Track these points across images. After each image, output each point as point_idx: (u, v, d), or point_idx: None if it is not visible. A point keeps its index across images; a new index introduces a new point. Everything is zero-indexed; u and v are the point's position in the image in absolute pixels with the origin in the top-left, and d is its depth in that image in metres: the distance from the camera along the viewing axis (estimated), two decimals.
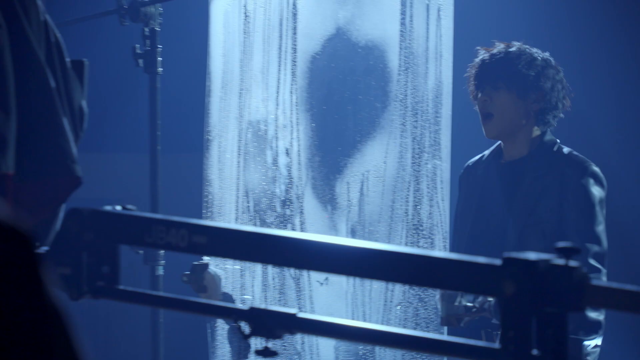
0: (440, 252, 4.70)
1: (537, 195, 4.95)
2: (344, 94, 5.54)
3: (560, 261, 2.69)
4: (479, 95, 5.01)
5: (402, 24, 5.38)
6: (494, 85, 4.97)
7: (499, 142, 5.14)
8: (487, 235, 5.01)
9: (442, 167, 5.28)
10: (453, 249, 5.20)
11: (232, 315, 3.04)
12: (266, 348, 2.98)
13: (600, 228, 4.89)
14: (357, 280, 5.44)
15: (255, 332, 2.96)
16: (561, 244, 2.72)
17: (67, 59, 3.22)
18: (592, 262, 4.83)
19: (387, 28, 5.43)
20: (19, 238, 1.18)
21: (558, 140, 5.04)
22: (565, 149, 5.02)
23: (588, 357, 4.82)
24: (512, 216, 4.97)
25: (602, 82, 6.61)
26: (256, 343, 2.97)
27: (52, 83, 3.12)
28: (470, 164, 5.22)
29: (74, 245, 3.14)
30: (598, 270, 4.83)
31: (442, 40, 5.28)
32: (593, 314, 4.72)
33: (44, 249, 3.10)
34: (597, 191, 4.93)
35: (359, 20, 5.52)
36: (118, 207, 3.16)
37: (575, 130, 5.55)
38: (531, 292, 2.69)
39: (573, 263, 2.69)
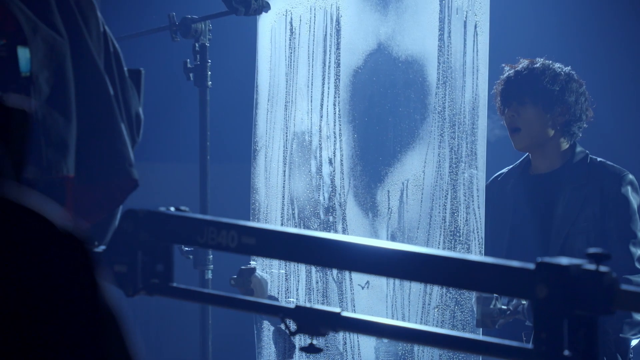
0: (477, 256, 4.69)
1: (580, 204, 4.93)
2: (385, 106, 5.54)
3: (591, 266, 2.70)
4: (506, 110, 5.00)
5: (441, 39, 5.37)
6: (520, 101, 4.96)
7: (527, 154, 5.13)
8: (525, 246, 4.99)
9: (478, 176, 5.26)
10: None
11: (279, 313, 3.06)
12: (311, 345, 3.01)
13: None
14: (397, 283, 5.44)
15: (300, 330, 2.98)
16: (592, 250, 2.73)
17: (125, 68, 3.24)
18: (639, 265, 4.83)
19: (426, 43, 5.42)
20: (76, 244, 1.18)
21: (588, 152, 5.03)
22: (598, 160, 5.01)
23: (631, 356, 4.83)
24: (555, 225, 4.96)
25: (626, 94, 6.59)
26: (301, 341, 3.00)
27: (111, 90, 3.13)
28: (499, 178, 5.21)
29: (130, 245, 3.16)
30: None
31: (478, 55, 5.27)
32: (638, 315, 4.72)
33: (101, 248, 3.13)
34: (635, 198, 4.92)
35: (399, 36, 5.52)
36: (172, 209, 3.19)
37: (595, 139, 5.52)
38: (563, 295, 2.70)
39: (603, 268, 2.70)
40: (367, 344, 5.54)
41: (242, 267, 5.62)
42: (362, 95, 5.61)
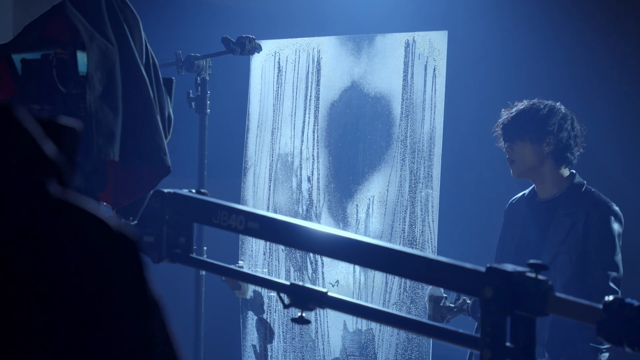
0: (437, 255, 4.70)
1: (568, 228, 4.91)
2: (356, 134, 5.55)
3: (532, 274, 2.71)
4: (505, 147, 5.00)
5: (405, 79, 5.38)
6: (511, 139, 4.96)
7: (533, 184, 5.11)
8: (523, 261, 4.97)
9: (432, 194, 5.26)
10: None
11: (277, 288, 3.09)
12: (301, 317, 3.03)
13: (618, 257, 4.86)
14: (362, 282, 5.44)
15: (293, 304, 3.00)
16: (532, 261, 2.74)
17: (160, 77, 3.27)
18: (612, 285, 4.80)
19: (392, 82, 5.43)
20: (129, 242, 1.18)
21: (585, 182, 5.02)
22: (592, 190, 5.00)
23: None
24: (547, 245, 4.95)
25: (602, 121, 6.60)
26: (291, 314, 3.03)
27: (152, 93, 3.17)
28: (514, 202, 5.17)
29: (157, 220, 3.19)
30: (616, 292, 4.79)
31: (436, 93, 5.27)
32: None
33: (134, 222, 3.16)
34: (616, 227, 4.89)
35: (370, 76, 5.52)
36: (193, 191, 3.22)
37: (590, 166, 5.53)
38: (506, 297, 2.71)
39: (541, 277, 2.71)
40: (335, 333, 5.54)
41: (232, 266, 5.60)
42: (337, 124, 5.62)
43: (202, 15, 6.82)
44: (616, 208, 4.93)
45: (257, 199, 5.74)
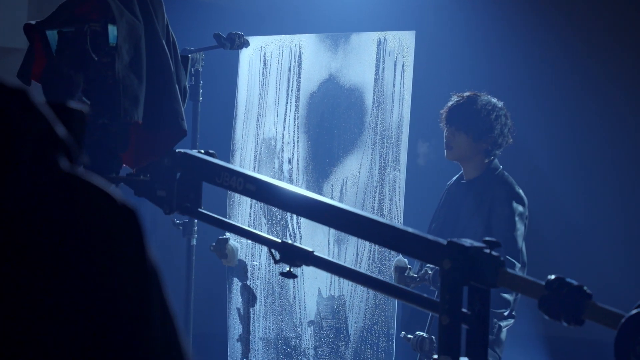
0: (403, 225, 4.71)
1: (476, 205, 4.96)
2: (332, 121, 5.55)
3: (486, 250, 2.73)
4: (446, 128, 5.00)
5: (376, 73, 5.38)
6: (457, 127, 4.96)
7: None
8: (447, 231, 5.00)
9: (400, 176, 5.27)
10: None
11: (269, 245, 3.11)
12: (289, 271, 3.06)
13: (517, 233, 4.88)
14: (335, 253, 5.45)
15: (282, 259, 3.03)
16: (487, 239, 2.76)
17: (179, 53, 3.30)
18: (508, 257, 4.85)
19: (365, 76, 5.43)
20: (131, 213, 1.20)
21: (501, 167, 5.03)
22: (504, 174, 5.02)
23: (503, 328, 4.84)
24: (460, 219, 4.99)
25: (539, 120, 6.63)
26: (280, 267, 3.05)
27: (172, 67, 3.19)
28: (450, 182, 5.22)
29: (169, 176, 3.21)
30: (512, 264, 4.83)
31: (404, 86, 5.28)
32: (506, 294, 4.74)
33: (149, 177, 3.17)
34: (516, 206, 4.93)
35: (345, 70, 5.52)
36: (202, 151, 3.24)
37: (517, 156, 5.55)
38: (462, 268, 2.72)
39: (494, 253, 2.72)
40: (311, 298, 5.54)
41: (219, 237, 5.60)
42: (316, 112, 5.62)
43: (196, 13, 6.81)
44: (519, 190, 4.98)
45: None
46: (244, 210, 5.67)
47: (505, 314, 4.78)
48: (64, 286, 1.11)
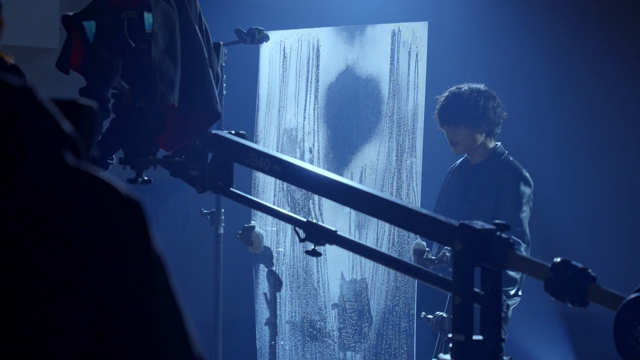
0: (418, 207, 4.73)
1: (484, 189, 4.96)
2: (350, 111, 5.55)
3: (496, 232, 2.73)
4: (445, 128, 5.00)
5: (392, 63, 5.37)
6: (455, 124, 4.95)
7: None
8: (453, 213, 5.01)
9: (416, 163, 5.27)
10: None
11: (295, 223, 3.13)
12: (314, 249, 3.09)
13: (523, 215, 4.89)
14: (355, 238, 5.46)
15: (307, 238, 3.06)
16: (497, 221, 2.76)
17: (211, 40, 3.32)
18: (514, 237, 4.86)
19: (381, 66, 5.42)
20: (135, 204, 1.20)
21: (506, 152, 5.04)
22: (511, 158, 5.02)
23: (510, 306, 4.85)
24: (467, 202, 4.99)
25: (535, 107, 6.61)
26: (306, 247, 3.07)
27: (206, 53, 3.20)
28: (453, 167, 5.22)
29: (201, 157, 3.23)
30: (518, 244, 4.85)
31: (418, 75, 5.27)
32: (512, 272, 4.74)
33: (183, 157, 3.20)
34: (524, 188, 4.93)
35: (362, 61, 5.52)
36: (232, 132, 3.26)
37: (515, 142, 5.54)
38: (473, 250, 2.73)
39: (504, 235, 2.73)
40: (334, 282, 5.56)
41: (245, 225, 5.62)
42: (334, 103, 5.62)
43: (218, 9, 6.82)
44: (526, 174, 4.99)
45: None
46: (267, 199, 5.69)
47: (512, 292, 4.78)
48: (69, 277, 1.12)
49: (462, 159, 5.17)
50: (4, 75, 1.17)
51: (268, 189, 5.78)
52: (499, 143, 5.05)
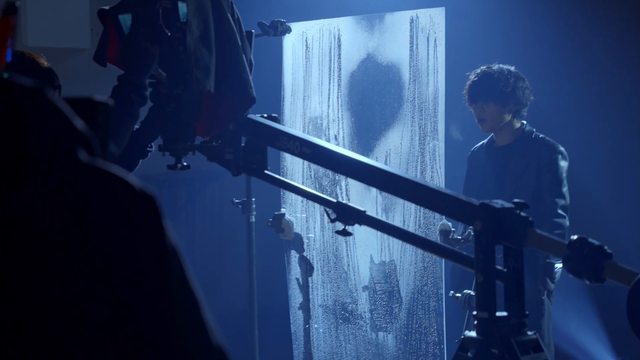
0: (439, 186, 4.73)
1: (523, 168, 4.96)
2: (373, 98, 5.56)
3: (515, 211, 2.73)
4: (473, 105, 4.99)
5: (411, 50, 5.37)
6: (484, 100, 4.94)
7: (492, 133, 5.14)
8: (487, 196, 5.00)
9: (439, 145, 5.27)
10: None
11: (326, 204, 3.15)
12: (344, 229, 3.10)
13: (565, 189, 4.91)
14: (383, 219, 5.47)
15: (337, 219, 3.08)
16: (516, 200, 2.76)
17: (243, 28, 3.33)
18: (560, 211, 4.85)
19: (401, 53, 5.42)
20: (149, 198, 1.20)
21: (534, 130, 5.04)
22: (540, 135, 5.02)
23: (556, 275, 4.87)
24: (506, 183, 4.99)
25: (559, 84, 6.56)
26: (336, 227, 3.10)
27: (239, 41, 3.22)
28: (475, 149, 5.20)
29: (235, 140, 3.25)
30: (564, 217, 4.85)
31: (437, 60, 5.27)
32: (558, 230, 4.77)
33: (218, 141, 3.21)
34: (563, 164, 4.94)
35: (382, 48, 5.52)
36: (265, 115, 3.27)
37: (540, 119, 5.51)
38: (492, 229, 2.73)
39: (523, 213, 2.72)
40: (364, 265, 5.57)
41: (276, 213, 5.64)
42: (357, 90, 5.63)
43: (241, 3, 6.82)
44: (562, 148, 4.99)
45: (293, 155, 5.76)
46: None
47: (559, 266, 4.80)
48: (86, 272, 1.12)
49: (485, 140, 5.16)
50: (15, 76, 1.18)
51: (296, 177, 5.79)
52: (525, 122, 5.04)
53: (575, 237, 2.61)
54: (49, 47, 6.12)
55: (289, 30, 5.46)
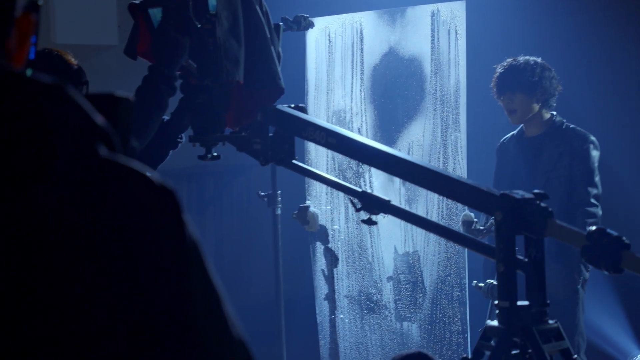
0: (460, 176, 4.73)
1: (556, 158, 4.96)
2: (395, 91, 5.56)
3: (535, 201, 2.73)
4: (502, 97, 5.00)
5: (432, 43, 5.37)
6: (512, 91, 4.95)
7: (522, 125, 5.13)
8: (518, 187, 4.99)
9: (460, 137, 5.27)
10: None
11: (351, 193, 3.17)
12: (369, 218, 3.12)
13: (597, 179, 4.92)
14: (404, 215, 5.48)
15: (362, 208, 3.10)
16: (535, 191, 2.76)
17: (271, 21, 3.35)
18: (593, 200, 4.86)
19: (422, 46, 5.42)
20: (169, 192, 1.19)
21: (565, 120, 5.04)
22: (571, 126, 5.03)
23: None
24: (537, 174, 4.99)
25: (584, 75, 6.52)
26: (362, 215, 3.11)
27: (268, 33, 3.24)
28: (505, 141, 5.20)
29: (262, 130, 3.26)
30: (596, 206, 4.86)
31: (458, 53, 5.27)
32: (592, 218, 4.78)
33: (246, 132, 3.23)
34: (595, 153, 4.94)
35: (404, 42, 5.52)
36: (292, 106, 3.29)
37: (567, 110, 5.50)
38: (512, 219, 2.73)
39: (543, 204, 2.73)
40: (388, 256, 5.58)
41: (301, 205, 5.65)
42: (379, 83, 5.63)
43: None
44: (593, 138, 4.98)
45: (317, 148, 5.78)
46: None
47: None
48: (105, 267, 1.12)
49: (514, 132, 5.16)
50: (35, 74, 1.18)
51: (320, 169, 5.80)
52: (555, 113, 5.04)
53: (593, 227, 2.61)
54: (77, 44, 6.14)
55: (312, 25, 5.47)
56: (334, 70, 5.78)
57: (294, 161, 3.29)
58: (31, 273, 1.10)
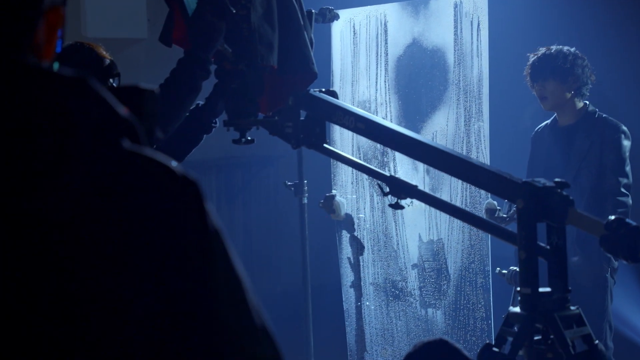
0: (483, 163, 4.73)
1: (587, 147, 4.95)
2: (419, 81, 5.55)
3: (556, 190, 2.73)
4: (535, 85, 5.00)
5: (455, 34, 5.35)
6: (544, 78, 4.95)
7: (555, 114, 5.13)
8: (552, 175, 4.99)
9: (483, 127, 5.26)
10: None
11: (380, 178, 3.19)
12: (397, 203, 3.14)
13: (628, 168, 4.91)
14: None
15: (390, 192, 3.12)
16: (556, 180, 2.76)
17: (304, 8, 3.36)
18: (623, 190, 4.85)
19: (445, 37, 5.40)
20: (191, 182, 1.19)
21: (597, 110, 5.03)
22: (604, 115, 5.02)
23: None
24: (570, 163, 4.98)
25: (616, 65, 6.49)
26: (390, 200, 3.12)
27: (301, 19, 3.25)
28: (539, 130, 5.20)
29: (294, 114, 3.28)
30: (627, 195, 4.86)
31: (481, 44, 5.24)
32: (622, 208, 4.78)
33: (277, 117, 3.25)
34: (626, 143, 4.93)
35: (427, 33, 5.51)
36: (323, 90, 3.30)
37: (601, 99, 5.48)
38: (534, 207, 2.73)
39: (564, 192, 2.72)
40: (412, 244, 5.58)
41: (327, 194, 5.67)
42: (403, 74, 5.62)
43: None
44: (625, 128, 4.96)
45: (343, 139, 5.79)
46: (345, 167, 5.72)
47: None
48: (129, 258, 1.12)
49: (548, 120, 5.15)
50: (60, 68, 1.18)
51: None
52: (588, 102, 5.03)
53: (612, 217, 2.61)
54: (107, 37, 6.17)
55: (336, 17, 5.47)
56: (358, 61, 5.78)
57: (325, 145, 3.30)
58: (55, 263, 1.10)
